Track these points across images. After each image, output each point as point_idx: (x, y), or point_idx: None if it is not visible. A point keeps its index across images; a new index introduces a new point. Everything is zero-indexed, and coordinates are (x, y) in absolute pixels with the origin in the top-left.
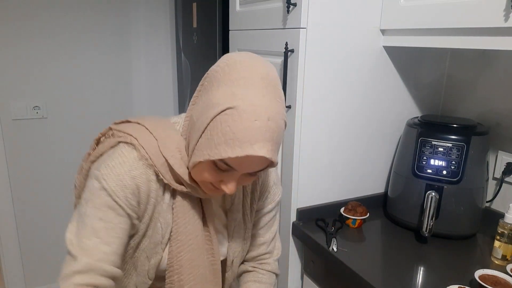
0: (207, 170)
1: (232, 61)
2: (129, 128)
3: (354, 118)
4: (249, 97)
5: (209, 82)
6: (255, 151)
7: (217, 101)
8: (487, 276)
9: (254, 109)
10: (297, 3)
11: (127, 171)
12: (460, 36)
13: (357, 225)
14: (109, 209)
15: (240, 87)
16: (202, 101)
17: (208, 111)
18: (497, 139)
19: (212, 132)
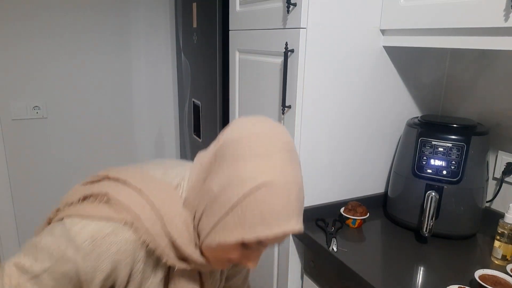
0: (232, 249)
1: (251, 133)
2: (128, 199)
3: (354, 118)
4: (280, 171)
5: (230, 155)
6: (293, 226)
7: (247, 176)
8: (487, 276)
9: (287, 183)
10: (297, 3)
11: (112, 254)
12: (460, 36)
13: (357, 225)
14: (65, 278)
15: (268, 161)
16: (225, 175)
17: (236, 188)
18: (497, 139)
19: (244, 210)
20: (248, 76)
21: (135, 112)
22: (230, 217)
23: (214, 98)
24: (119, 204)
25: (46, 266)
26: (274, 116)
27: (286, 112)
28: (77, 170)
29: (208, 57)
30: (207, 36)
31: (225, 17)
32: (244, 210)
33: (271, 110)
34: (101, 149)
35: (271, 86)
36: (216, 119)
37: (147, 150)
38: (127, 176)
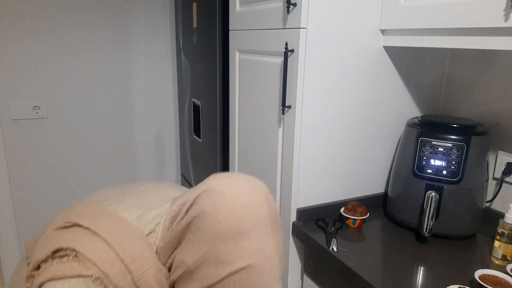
0: None
1: (231, 207)
2: (97, 255)
3: (354, 118)
4: (260, 252)
5: (206, 231)
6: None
7: (225, 259)
8: (487, 276)
9: (267, 261)
10: (297, 3)
11: None
12: (460, 36)
13: (357, 225)
14: None
15: (248, 241)
16: (200, 251)
17: (213, 269)
18: (497, 139)
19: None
20: (248, 76)
21: (135, 112)
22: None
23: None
24: (88, 261)
25: None
26: (274, 116)
27: (286, 112)
28: (77, 170)
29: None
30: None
31: (225, 17)
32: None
33: (271, 110)
34: (101, 149)
35: (271, 86)
36: (216, 119)
37: (147, 150)
38: (97, 226)
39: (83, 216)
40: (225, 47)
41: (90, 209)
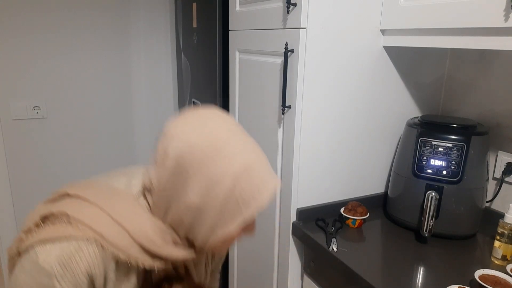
0: (235, 232)
1: (198, 137)
2: (89, 217)
3: (354, 118)
4: (245, 151)
5: (193, 167)
6: (275, 182)
7: (222, 173)
8: (487, 276)
9: (254, 154)
10: (297, 3)
11: (83, 268)
12: (460, 36)
13: (357, 225)
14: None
15: (231, 151)
16: (198, 185)
17: (217, 187)
18: (497, 139)
19: (235, 200)
20: (248, 76)
21: (135, 112)
22: (225, 212)
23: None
24: (80, 223)
25: None
26: (274, 116)
27: (286, 112)
28: (77, 170)
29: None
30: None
31: (225, 17)
32: (235, 200)
33: (271, 110)
34: (101, 149)
35: (271, 86)
36: None
37: (147, 150)
38: (86, 193)
39: (71, 187)
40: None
41: (77, 183)
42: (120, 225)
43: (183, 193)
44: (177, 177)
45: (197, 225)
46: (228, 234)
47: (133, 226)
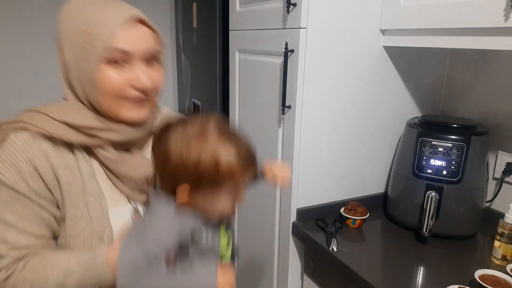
0: (106, 73)
1: None
2: (13, 117)
3: (354, 118)
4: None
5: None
6: (125, 11)
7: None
8: (487, 276)
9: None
10: (297, 3)
11: (20, 156)
12: (460, 36)
13: (357, 225)
14: (15, 202)
15: None
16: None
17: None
18: (497, 139)
19: (78, 31)
20: (248, 76)
21: None
22: (83, 54)
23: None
24: (6, 124)
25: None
26: (274, 116)
27: (286, 112)
28: None
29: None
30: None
31: (225, 17)
32: (78, 31)
33: (271, 110)
34: None
35: (271, 86)
36: None
37: None
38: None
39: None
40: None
41: None
42: (38, 110)
43: (62, 57)
44: (58, 48)
45: (80, 82)
46: (100, 67)
47: (48, 107)
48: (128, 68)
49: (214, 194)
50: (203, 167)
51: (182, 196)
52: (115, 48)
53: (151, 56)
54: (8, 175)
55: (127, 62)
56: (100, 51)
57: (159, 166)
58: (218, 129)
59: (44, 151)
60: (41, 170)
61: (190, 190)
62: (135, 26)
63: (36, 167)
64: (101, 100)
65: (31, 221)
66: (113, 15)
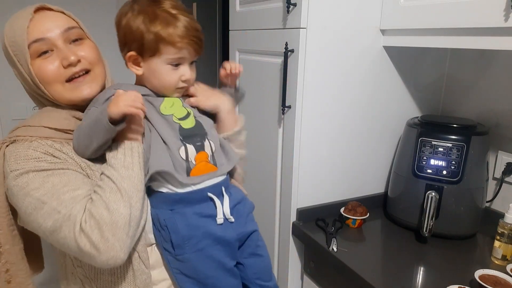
0: (37, 64)
1: None
2: (5, 138)
3: (354, 118)
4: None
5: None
6: (27, 8)
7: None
8: (487, 276)
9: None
10: (297, 3)
11: (25, 151)
12: (460, 36)
13: (357, 225)
14: (49, 177)
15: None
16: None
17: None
18: (497, 139)
19: (12, 46)
20: (248, 76)
21: None
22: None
23: None
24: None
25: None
26: (274, 116)
27: (286, 112)
28: None
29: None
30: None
31: (225, 17)
32: (11, 46)
33: (271, 110)
34: None
35: (271, 86)
36: None
37: None
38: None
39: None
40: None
41: None
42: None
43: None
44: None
45: (28, 87)
46: (33, 73)
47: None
48: (56, 53)
49: (157, 64)
50: (144, 31)
51: (131, 64)
52: (32, 41)
53: (75, 35)
54: (26, 164)
55: (53, 49)
56: (24, 51)
57: (118, 36)
58: (170, 3)
59: (43, 143)
60: (49, 151)
61: (137, 59)
62: (43, 15)
63: (46, 151)
64: (50, 92)
65: (75, 183)
66: (21, 15)
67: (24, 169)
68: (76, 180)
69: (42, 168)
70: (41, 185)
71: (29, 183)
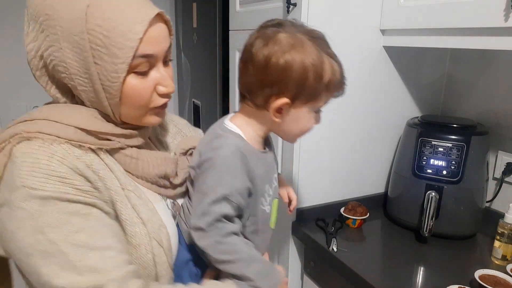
0: (132, 82)
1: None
2: (5, 133)
3: (354, 118)
4: None
5: (49, 20)
6: (148, 12)
7: (73, 13)
8: (487, 276)
9: None
10: (297, 3)
11: (48, 162)
12: (460, 36)
13: (357, 225)
14: (71, 216)
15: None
16: (57, 40)
17: (73, 31)
18: (497, 139)
19: (99, 38)
20: None
21: None
22: (96, 58)
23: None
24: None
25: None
26: None
27: None
28: None
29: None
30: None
31: (225, 17)
32: (100, 39)
33: None
34: None
35: None
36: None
37: None
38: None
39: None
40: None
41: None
42: (38, 118)
43: (60, 58)
44: (40, 36)
45: (91, 90)
46: (117, 79)
47: (51, 113)
48: (152, 74)
49: (306, 111)
50: (309, 72)
51: (277, 108)
52: (141, 55)
53: (168, 55)
54: (47, 186)
55: (151, 67)
56: (124, 60)
57: (257, 74)
58: (311, 39)
59: (70, 151)
60: (80, 169)
61: (284, 106)
62: (159, 28)
63: (73, 167)
64: (124, 110)
65: (101, 233)
66: (136, 15)
67: (44, 192)
68: (102, 230)
69: (66, 197)
70: (60, 224)
71: (44, 215)
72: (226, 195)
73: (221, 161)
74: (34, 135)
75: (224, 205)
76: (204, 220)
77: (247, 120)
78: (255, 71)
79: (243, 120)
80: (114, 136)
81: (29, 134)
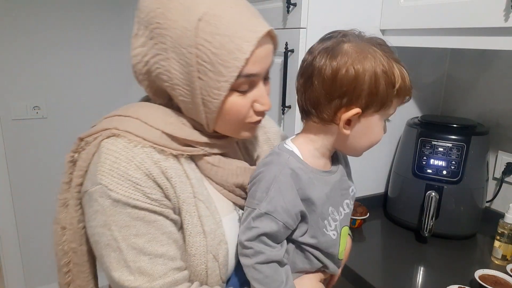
0: (232, 100)
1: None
2: (100, 126)
3: None
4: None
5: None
6: (257, 30)
7: (184, 26)
8: (487, 276)
9: (221, 2)
10: (297, 3)
11: (127, 164)
12: (460, 36)
13: (357, 225)
14: (136, 220)
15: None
16: (165, 50)
17: (181, 43)
18: (497, 139)
19: (206, 54)
20: None
21: None
22: (200, 73)
23: None
24: (92, 135)
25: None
26: (274, 116)
27: (286, 112)
28: None
29: None
30: None
31: None
32: (206, 54)
33: (271, 110)
34: None
35: (271, 86)
36: None
37: None
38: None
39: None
40: None
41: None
42: (129, 116)
43: (165, 67)
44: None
45: (190, 102)
46: (218, 97)
47: (142, 114)
48: (252, 91)
49: (376, 120)
50: (381, 80)
51: (347, 119)
52: (245, 74)
53: (268, 71)
54: (120, 189)
55: (252, 86)
56: (228, 78)
57: (325, 87)
58: (377, 46)
59: (150, 155)
60: (154, 175)
61: (354, 117)
62: (264, 42)
63: (149, 173)
64: (219, 123)
65: (158, 240)
66: (246, 33)
67: (117, 194)
68: (161, 237)
69: (135, 204)
70: (124, 225)
71: (113, 213)
72: (270, 212)
73: (269, 177)
74: (123, 134)
75: (267, 222)
76: (245, 235)
77: (310, 138)
78: (322, 85)
79: (304, 138)
80: (198, 144)
81: (119, 131)
